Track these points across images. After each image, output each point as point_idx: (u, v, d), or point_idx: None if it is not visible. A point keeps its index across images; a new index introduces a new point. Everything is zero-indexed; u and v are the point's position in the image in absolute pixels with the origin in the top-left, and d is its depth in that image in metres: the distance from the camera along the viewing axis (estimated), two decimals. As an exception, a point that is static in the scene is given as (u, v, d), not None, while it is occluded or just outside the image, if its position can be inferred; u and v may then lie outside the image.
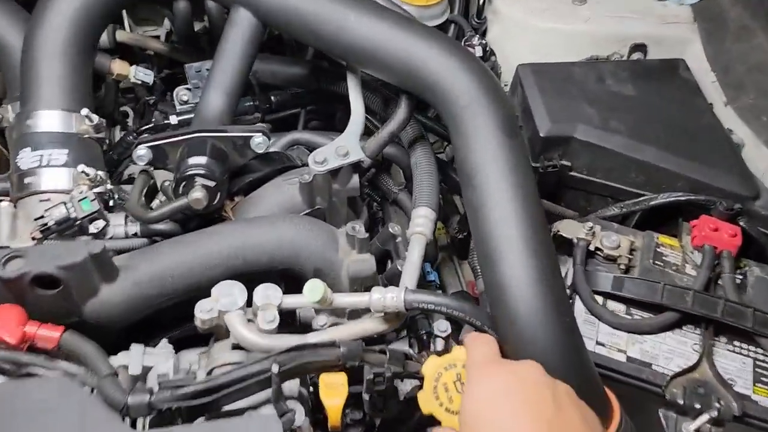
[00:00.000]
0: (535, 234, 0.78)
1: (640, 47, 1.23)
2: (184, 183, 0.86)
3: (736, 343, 0.90)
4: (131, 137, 1.12)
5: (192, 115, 1.05)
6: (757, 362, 0.88)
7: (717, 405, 0.82)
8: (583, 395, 0.75)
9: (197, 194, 0.85)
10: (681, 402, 0.84)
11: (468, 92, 0.87)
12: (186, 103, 1.16)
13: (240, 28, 0.98)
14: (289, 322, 0.96)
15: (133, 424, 0.74)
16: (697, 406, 0.83)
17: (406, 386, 0.90)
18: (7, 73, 1.05)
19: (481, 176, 0.82)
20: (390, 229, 1.02)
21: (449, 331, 0.96)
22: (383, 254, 1.04)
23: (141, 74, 1.11)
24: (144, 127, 1.14)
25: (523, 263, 0.76)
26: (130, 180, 1.09)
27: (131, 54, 1.28)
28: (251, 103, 1.17)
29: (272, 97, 1.21)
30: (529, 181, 0.82)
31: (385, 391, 0.83)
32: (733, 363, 0.88)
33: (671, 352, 0.88)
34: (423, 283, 1.10)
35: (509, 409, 0.62)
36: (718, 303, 0.88)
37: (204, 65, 1.13)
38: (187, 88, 1.16)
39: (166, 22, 1.34)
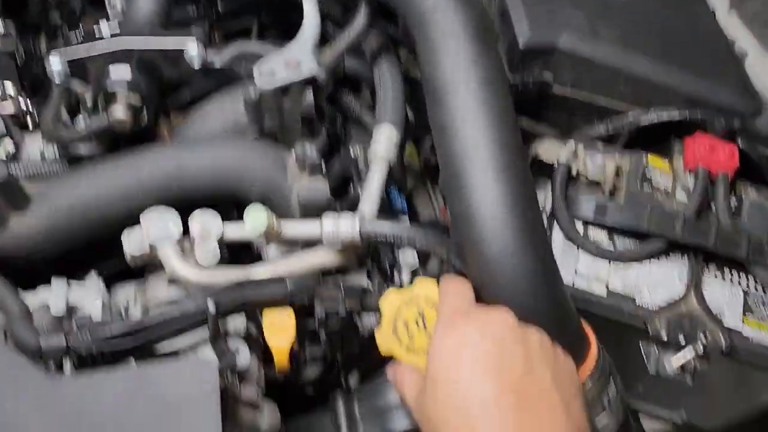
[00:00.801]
0: (508, 156, 0.68)
1: (636, -57, 1.09)
2: (104, 100, 0.75)
3: (727, 271, 0.82)
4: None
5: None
6: (749, 293, 0.81)
7: (703, 339, 0.76)
8: (557, 333, 0.68)
9: (119, 114, 0.73)
10: (665, 337, 0.77)
11: (432, -8, 0.74)
12: (120, 11, 1.02)
13: None
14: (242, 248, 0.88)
15: (61, 368, 0.66)
16: (682, 340, 0.76)
17: (368, 320, 0.83)
18: None
19: (448, 91, 0.71)
20: (351, 151, 0.92)
21: (417, 264, 0.88)
22: (344, 179, 0.94)
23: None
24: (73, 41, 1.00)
25: (494, 189, 0.66)
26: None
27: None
28: (193, 9, 1.03)
29: (219, 3, 1.07)
30: (503, 96, 0.71)
31: (342, 328, 0.76)
32: (723, 294, 0.81)
33: (656, 283, 0.80)
34: (389, 211, 1.00)
35: (472, 369, 0.55)
36: (710, 231, 0.80)
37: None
38: (123, -8, 1.02)
39: None
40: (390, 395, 0.86)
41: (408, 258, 0.88)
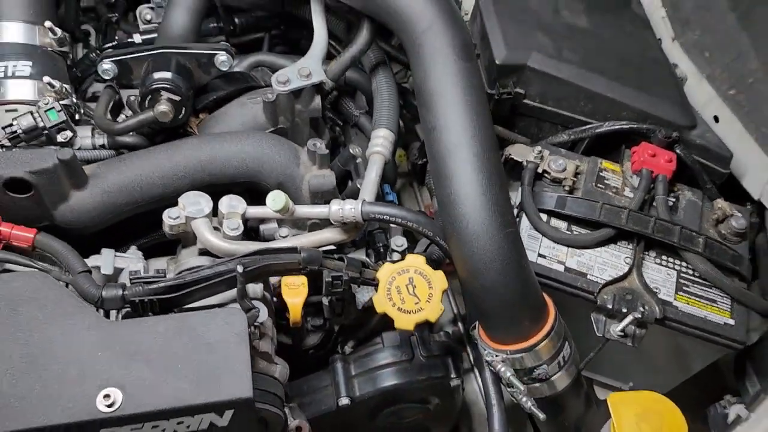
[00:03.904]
0: (484, 153, 0.84)
1: (596, -19, 1.27)
2: (150, 96, 0.89)
3: (664, 257, 0.98)
4: (94, 54, 1.12)
5: (156, 35, 1.06)
6: (681, 274, 0.97)
7: (642, 309, 0.91)
8: (521, 295, 0.83)
9: (163, 107, 0.88)
10: (610, 306, 0.92)
11: (427, 17, 0.90)
12: (149, 22, 1.16)
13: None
14: (252, 237, 1.02)
15: (107, 317, 0.79)
16: (624, 310, 0.92)
17: (363, 297, 0.97)
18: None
19: (437, 98, 0.86)
20: (350, 150, 1.06)
21: (405, 246, 1.03)
22: (344, 175, 1.09)
23: (107, -12, 1.11)
24: (106, 45, 1.14)
25: (472, 179, 0.82)
26: (94, 98, 1.09)
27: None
28: (215, 24, 1.18)
29: (236, 20, 1.22)
30: (481, 104, 0.87)
31: (343, 295, 0.90)
32: (659, 274, 0.97)
33: (605, 264, 0.96)
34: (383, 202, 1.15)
35: None
36: (650, 221, 0.96)
37: (168, -17, 1.13)
38: (150, 7, 1.16)
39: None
40: (380, 358, 1.00)
41: (398, 241, 1.03)
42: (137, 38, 1.13)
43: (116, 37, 1.16)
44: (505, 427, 0.89)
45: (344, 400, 0.96)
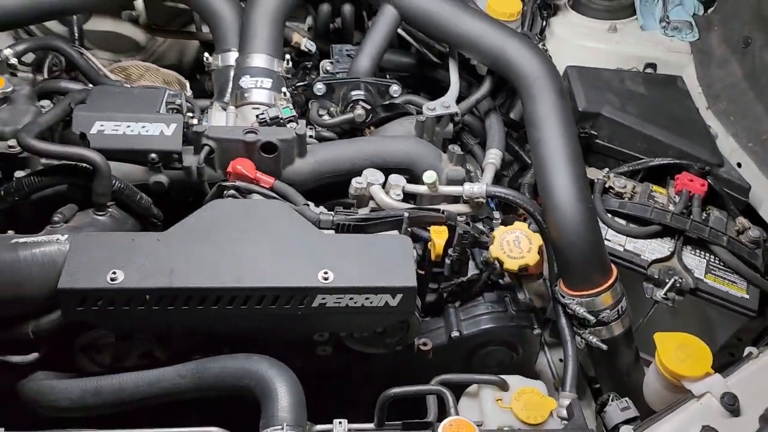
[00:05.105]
0: (574, 158, 1.25)
1: (652, 65, 1.72)
2: (350, 105, 1.35)
3: (698, 250, 1.35)
4: (291, 89, 1.60)
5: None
6: (710, 262, 1.33)
7: (679, 280, 1.27)
8: (595, 254, 1.20)
9: (360, 111, 1.33)
10: (657, 277, 1.28)
11: (537, 70, 1.35)
12: (328, 72, 1.64)
13: (386, 18, 1.49)
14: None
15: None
16: (667, 281, 1.28)
17: (468, 272, 1.35)
18: (216, 33, 1.56)
19: (543, 121, 1.29)
20: (466, 167, 1.49)
21: (504, 232, 1.42)
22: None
23: (309, 45, 1.61)
24: (299, 84, 1.62)
25: (565, 171, 1.23)
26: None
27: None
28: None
29: (386, 76, 1.70)
30: (572, 126, 1.29)
31: (462, 257, 1.28)
32: (693, 261, 1.33)
33: (654, 250, 1.33)
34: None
35: None
36: (688, 221, 1.34)
37: (344, 46, 1.63)
38: (330, 62, 1.65)
39: (309, 20, 1.84)
40: (481, 308, 1.36)
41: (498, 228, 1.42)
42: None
43: (306, 80, 1.64)
44: (576, 355, 1.23)
45: (455, 333, 1.31)
